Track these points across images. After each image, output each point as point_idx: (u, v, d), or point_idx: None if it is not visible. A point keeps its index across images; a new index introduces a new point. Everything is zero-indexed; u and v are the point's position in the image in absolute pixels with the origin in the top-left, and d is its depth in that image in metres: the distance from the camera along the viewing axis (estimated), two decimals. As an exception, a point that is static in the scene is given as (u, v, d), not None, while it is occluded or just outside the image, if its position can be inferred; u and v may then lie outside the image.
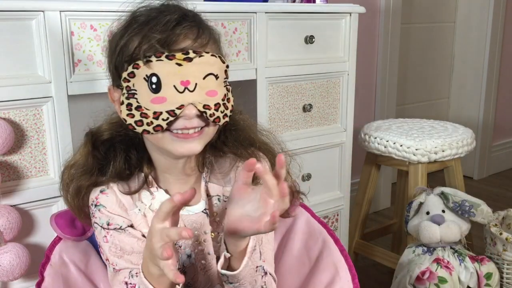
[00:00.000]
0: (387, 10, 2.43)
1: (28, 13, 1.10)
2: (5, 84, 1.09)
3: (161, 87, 0.77)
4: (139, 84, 0.78)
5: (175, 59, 0.76)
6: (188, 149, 0.80)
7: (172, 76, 0.76)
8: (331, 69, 1.67)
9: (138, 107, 0.78)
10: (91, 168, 0.87)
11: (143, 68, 0.77)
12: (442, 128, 1.82)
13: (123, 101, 0.79)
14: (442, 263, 1.51)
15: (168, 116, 0.77)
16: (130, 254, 0.87)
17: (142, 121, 0.78)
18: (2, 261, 1.08)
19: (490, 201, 1.73)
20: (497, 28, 2.92)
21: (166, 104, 0.77)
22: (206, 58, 0.78)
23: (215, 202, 0.93)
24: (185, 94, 0.77)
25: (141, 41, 0.77)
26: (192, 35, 0.79)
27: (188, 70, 0.77)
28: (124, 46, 0.79)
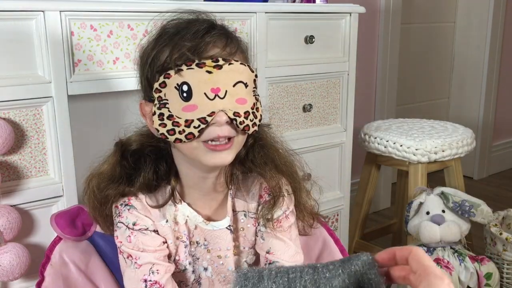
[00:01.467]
0: (387, 10, 2.43)
1: (28, 13, 1.10)
2: (5, 84, 1.09)
3: (192, 95, 0.77)
4: (170, 93, 0.78)
5: (206, 67, 0.77)
6: (220, 159, 0.81)
7: (202, 84, 0.77)
8: (331, 69, 1.67)
9: (170, 116, 0.78)
10: (118, 178, 0.88)
11: (174, 77, 0.77)
12: (442, 128, 1.82)
13: (155, 111, 0.80)
14: (442, 263, 1.51)
15: (200, 124, 0.77)
16: (153, 252, 0.87)
17: (174, 129, 0.78)
18: (2, 261, 1.08)
19: (490, 201, 1.73)
20: (497, 28, 2.92)
21: (197, 112, 0.77)
22: (235, 66, 0.79)
23: (241, 218, 0.94)
24: (216, 101, 0.77)
25: (172, 50, 0.78)
26: (221, 43, 0.80)
27: (218, 77, 0.78)
28: (155, 57, 0.80)
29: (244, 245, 0.95)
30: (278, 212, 0.92)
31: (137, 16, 1.24)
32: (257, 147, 0.92)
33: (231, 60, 0.79)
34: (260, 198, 0.93)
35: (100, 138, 1.23)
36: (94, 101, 1.29)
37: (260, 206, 0.93)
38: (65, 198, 1.20)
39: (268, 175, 0.91)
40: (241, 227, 0.94)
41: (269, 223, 0.91)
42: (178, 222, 0.90)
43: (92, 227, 1.03)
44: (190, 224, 0.91)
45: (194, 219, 0.91)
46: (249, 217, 0.94)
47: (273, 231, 0.92)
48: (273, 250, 0.92)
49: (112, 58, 1.23)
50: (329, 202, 1.76)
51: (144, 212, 0.88)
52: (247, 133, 0.83)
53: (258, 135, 0.92)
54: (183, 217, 0.90)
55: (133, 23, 1.24)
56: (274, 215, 0.91)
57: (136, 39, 1.25)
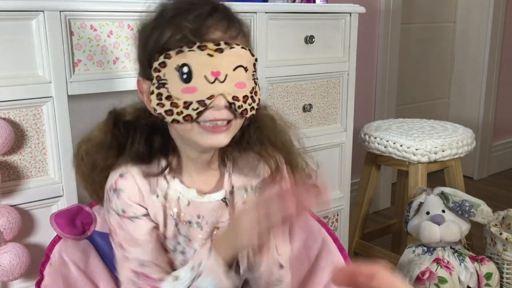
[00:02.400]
0: (387, 10, 2.44)
1: (28, 13, 1.10)
2: (5, 84, 1.09)
3: (192, 77, 0.77)
4: (170, 74, 0.78)
5: (207, 50, 0.77)
6: (216, 141, 0.81)
7: (203, 66, 0.77)
8: (331, 69, 1.67)
9: (168, 97, 0.78)
10: (109, 145, 0.87)
11: (174, 58, 0.77)
12: (442, 128, 1.82)
13: (153, 90, 0.79)
14: (442, 263, 1.51)
15: (198, 106, 0.77)
16: (143, 244, 0.86)
17: (172, 110, 0.78)
18: (2, 261, 1.08)
19: (490, 201, 1.73)
20: (497, 28, 2.92)
21: (196, 94, 0.77)
22: (236, 50, 0.79)
23: (243, 193, 0.92)
24: (216, 84, 0.77)
25: (174, 31, 0.78)
26: (223, 27, 0.79)
27: (219, 61, 0.77)
28: (156, 36, 0.79)
29: None
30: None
31: (137, 16, 1.24)
32: (253, 128, 0.92)
33: (233, 44, 0.79)
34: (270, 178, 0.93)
35: (100, 138, 1.23)
36: (94, 101, 1.29)
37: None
38: (65, 198, 1.20)
39: (265, 154, 0.91)
40: (243, 202, 0.92)
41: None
42: (170, 199, 0.88)
43: (92, 227, 1.03)
44: (183, 201, 0.89)
45: (186, 194, 0.89)
46: (253, 192, 0.93)
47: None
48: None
49: (112, 58, 1.23)
50: (329, 202, 1.76)
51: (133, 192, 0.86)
52: (245, 117, 0.83)
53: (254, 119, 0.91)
54: (175, 193, 0.88)
55: (133, 23, 1.24)
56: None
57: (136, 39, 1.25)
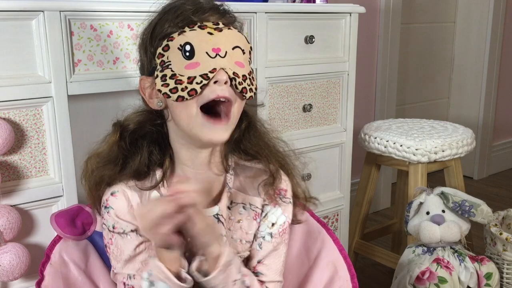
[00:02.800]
0: (387, 10, 2.44)
1: (28, 13, 1.10)
2: (5, 84, 1.09)
3: (194, 54, 0.81)
4: (173, 54, 0.82)
5: (207, 28, 0.82)
6: (216, 135, 0.83)
7: (204, 43, 0.81)
8: (331, 69, 1.67)
9: (172, 76, 0.81)
10: (115, 158, 0.89)
11: (177, 38, 0.81)
12: (442, 128, 1.82)
13: (157, 75, 0.82)
14: (442, 263, 1.51)
15: (202, 80, 0.80)
16: (130, 259, 0.88)
17: (177, 87, 0.80)
18: (2, 261, 1.08)
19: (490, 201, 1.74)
20: (497, 28, 2.92)
21: (199, 69, 0.80)
22: (233, 32, 0.85)
23: (240, 210, 0.94)
24: (217, 59, 0.81)
25: (175, 16, 0.83)
26: (219, 13, 0.85)
27: (218, 39, 0.82)
28: (158, 26, 0.84)
29: (241, 238, 0.94)
30: (282, 218, 0.94)
31: (137, 16, 1.24)
32: (251, 129, 0.94)
33: (230, 26, 0.85)
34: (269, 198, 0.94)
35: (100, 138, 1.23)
36: (94, 101, 1.30)
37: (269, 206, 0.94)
38: (65, 198, 1.20)
39: (265, 156, 0.94)
40: (239, 219, 0.94)
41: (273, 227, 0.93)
42: None
43: (92, 227, 1.03)
44: None
45: None
46: (251, 210, 0.94)
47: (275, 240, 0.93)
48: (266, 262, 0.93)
49: (112, 58, 1.23)
50: (329, 202, 1.76)
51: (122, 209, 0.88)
52: (244, 98, 0.85)
53: (251, 119, 0.94)
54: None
55: (133, 23, 1.24)
56: (278, 219, 0.93)
57: (136, 39, 1.25)
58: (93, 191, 0.92)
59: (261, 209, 0.94)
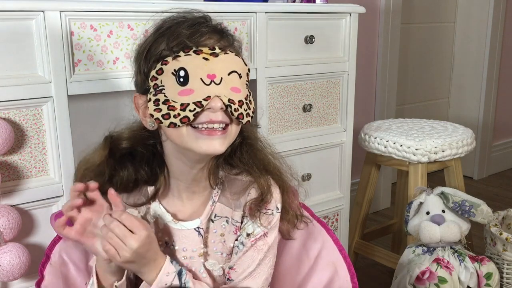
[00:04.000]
0: (387, 10, 2.44)
1: (28, 13, 1.10)
2: (5, 84, 1.09)
3: (188, 80, 0.79)
4: (167, 79, 0.80)
5: (202, 54, 0.80)
6: (212, 148, 0.81)
7: (199, 69, 0.79)
8: (331, 69, 1.67)
9: (165, 101, 0.80)
10: (103, 173, 0.89)
11: (171, 63, 0.80)
12: (442, 128, 1.82)
13: (150, 98, 0.81)
14: (442, 263, 1.51)
15: (195, 107, 0.79)
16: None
17: (169, 114, 0.79)
18: (2, 261, 1.08)
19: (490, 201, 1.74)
20: (497, 28, 2.92)
21: (193, 96, 0.79)
22: (230, 56, 0.82)
23: (223, 223, 0.94)
24: (212, 86, 0.80)
25: (169, 38, 0.81)
26: (216, 36, 0.83)
27: (214, 65, 0.80)
28: (152, 48, 0.83)
29: (222, 251, 0.94)
30: (258, 229, 0.92)
31: (137, 16, 1.24)
32: (245, 145, 0.93)
33: (226, 50, 0.82)
34: (249, 210, 0.93)
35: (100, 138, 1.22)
36: (94, 101, 1.30)
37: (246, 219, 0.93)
38: (65, 198, 1.20)
39: (256, 173, 0.92)
40: (221, 232, 0.94)
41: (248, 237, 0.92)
42: (149, 219, 0.92)
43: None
44: (160, 222, 0.92)
45: (163, 217, 0.92)
46: (232, 224, 0.94)
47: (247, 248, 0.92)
48: (236, 266, 0.92)
49: (112, 58, 1.23)
50: (329, 202, 1.76)
51: None
52: (241, 123, 0.84)
53: (246, 135, 0.94)
54: (153, 216, 0.92)
55: (133, 23, 1.24)
56: (255, 230, 0.92)
57: (136, 39, 1.25)
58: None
59: (240, 222, 0.94)
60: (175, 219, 0.92)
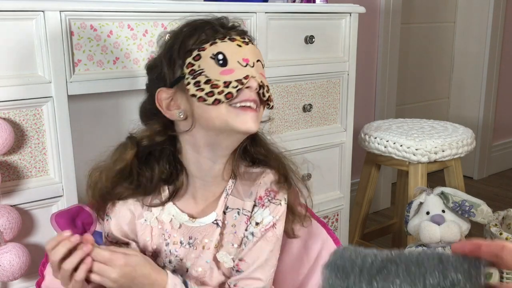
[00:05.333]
0: (387, 10, 2.44)
1: (28, 13, 1.10)
2: (5, 84, 1.09)
3: (227, 62, 0.86)
4: (206, 62, 0.86)
5: (236, 41, 0.88)
6: (249, 125, 0.86)
7: (235, 54, 0.87)
8: (331, 69, 1.67)
9: (207, 81, 0.85)
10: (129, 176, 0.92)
11: (209, 48, 0.86)
12: (442, 128, 1.82)
13: (188, 82, 0.86)
14: (442, 263, 1.51)
15: (237, 84, 0.85)
16: None
17: (213, 91, 0.84)
18: (2, 261, 1.08)
19: (490, 201, 1.73)
20: (497, 28, 2.92)
21: (234, 75, 0.86)
22: (255, 47, 0.91)
23: (234, 215, 0.96)
24: (248, 68, 0.87)
25: (205, 29, 0.88)
26: (242, 32, 0.92)
27: (246, 51, 0.88)
28: (187, 39, 0.88)
29: (233, 242, 0.95)
30: (268, 218, 0.94)
31: (137, 16, 1.24)
32: (259, 139, 0.98)
33: (252, 42, 0.91)
34: (258, 199, 0.95)
35: (100, 138, 1.23)
36: (94, 101, 1.30)
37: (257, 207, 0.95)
38: (65, 198, 1.20)
39: (274, 163, 0.97)
40: (233, 223, 0.96)
41: (257, 226, 0.94)
42: (163, 221, 0.94)
43: (92, 227, 1.03)
44: (175, 223, 0.94)
45: (179, 217, 0.94)
46: (243, 214, 0.95)
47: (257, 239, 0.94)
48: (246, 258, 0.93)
49: (112, 58, 1.23)
50: (329, 202, 1.76)
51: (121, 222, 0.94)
52: (268, 106, 0.90)
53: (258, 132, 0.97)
54: (168, 216, 0.94)
55: (133, 23, 1.24)
56: (264, 219, 0.94)
57: (136, 39, 1.25)
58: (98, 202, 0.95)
59: (251, 212, 0.96)
60: (191, 218, 0.94)
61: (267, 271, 0.94)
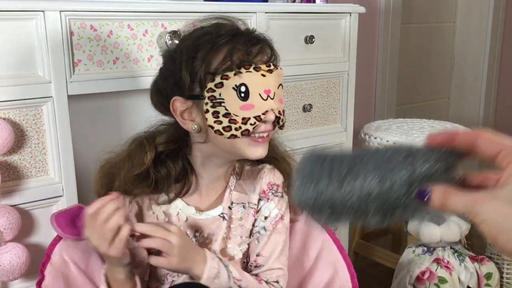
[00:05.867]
0: (387, 10, 2.43)
1: (28, 13, 1.10)
2: (5, 84, 1.09)
3: (249, 96, 0.85)
4: (227, 93, 0.85)
5: (261, 71, 0.86)
6: (261, 152, 0.89)
7: (258, 85, 0.86)
8: (331, 69, 1.67)
9: (226, 114, 0.85)
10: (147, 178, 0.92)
11: (233, 78, 0.84)
12: (442, 128, 1.82)
13: (207, 109, 0.86)
14: (442, 263, 1.51)
15: (255, 121, 0.85)
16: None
17: (231, 126, 0.85)
18: (2, 261, 1.08)
19: (490, 201, 1.73)
20: (497, 28, 2.92)
21: (253, 111, 0.85)
22: (279, 71, 0.90)
23: (240, 209, 0.99)
24: (268, 101, 0.87)
25: (231, 53, 0.84)
26: (268, 51, 0.90)
27: (269, 80, 0.87)
28: (211, 57, 0.85)
29: (241, 234, 0.98)
30: (274, 211, 0.98)
31: (137, 16, 1.24)
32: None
33: (277, 66, 0.90)
34: (262, 193, 0.99)
35: (100, 138, 1.23)
36: (94, 101, 1.30)
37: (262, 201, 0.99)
38: (65, 198, 1.20)
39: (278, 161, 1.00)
40: (240, 217, 0.98)
41: (266, 220, 0.98)
42: (171, 214, 0.96)
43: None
44: (181, 216, 0.96)
45: (186, 211, 0.96)
46: (250, 207, 0.99)
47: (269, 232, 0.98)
48: (263, 252, 0.97)
49: (112, 58, 1.23)
50: (329, 202, 1.76)
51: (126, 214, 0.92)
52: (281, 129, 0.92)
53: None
54: (175, 209, 0.96)
55: (133, 23, 1.24)
56: (271, 212, 0.98)
57: (136, 39, 1.25)
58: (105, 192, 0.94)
59: (257, 205, 0.99)
60: (198, 211, 0.97)
61: (284, 259, 0.99)
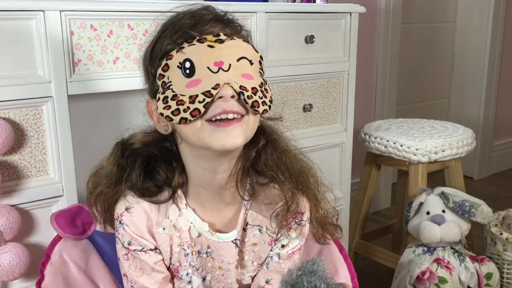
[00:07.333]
0: (387, 10, 2.44)
1: (28, 13, 1.10)
2: (5, 84, 1.09)
3: (194, 71, 0.74)
4: (173, 73, 0.75)
5: (207, 42, 0.75)
6: (230, 141, 0.75)
7: (205, 58, 0.74)
8: (331, 69, 1.67)
9: (173, 96, 0.75)
10: (116, 178, 0.85)
11: (176, 56, 0.75)
12: (442, 128, 1.82)
13: (159, 97, 0.77)
14: (442, 263, 1.51)
15: (204, 98, 0.73)
16: (150, 273, 0.86)
17: (179, 109, 0.74)
18: (2, 261, 1.08)
19: (490, 201, 1.73)
20: (497, 28, 2.92)
21: (200, 86, 0.74)
22: (238, 42, 0.77)
23: (255, 232, 0.90)
24: (220, 73, 0.74)
25: (172, 33, 0.76)
26: (220, 24, 0.78)
27: (220, 51, 0.75)
28: (157, 45, 0.78)
29: (253, 260, 0.92)
30: (295, 242, 0.91)
31: (137, 16, 1.24)
32: (270, 148, 0.88)
33: (233, 37, 0.77)
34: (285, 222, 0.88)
35: (100, 138, 1.23)
36: (94, 101, 1.30)
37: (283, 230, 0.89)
38: (65, 198, 1.20)
39: (280, 179, 0.86)
40: (254, 242, 0.90)
41: (283, 248, 0.90)
42: (181, 228, 0.87)
43: (92, 226, 1.03)
44: (193, 232, 0.87)
45: (199, 226, 0.87)
46: (267, 234, 0.90)
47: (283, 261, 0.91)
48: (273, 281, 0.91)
49: (112, 58, 1.23)
50: (329, 202, 1.76)
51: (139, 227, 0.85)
52: (258, 112, 0.78)
53: (271, 136, 0.89)
54: (186, 223, 0.87)
55: (133, 23, 1.24)
56: (290, 242, 0.90)
57: (136, 39, 1.25)
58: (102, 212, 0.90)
59: (276, 234, 0.90)
60: (212, 230, 0.88)
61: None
